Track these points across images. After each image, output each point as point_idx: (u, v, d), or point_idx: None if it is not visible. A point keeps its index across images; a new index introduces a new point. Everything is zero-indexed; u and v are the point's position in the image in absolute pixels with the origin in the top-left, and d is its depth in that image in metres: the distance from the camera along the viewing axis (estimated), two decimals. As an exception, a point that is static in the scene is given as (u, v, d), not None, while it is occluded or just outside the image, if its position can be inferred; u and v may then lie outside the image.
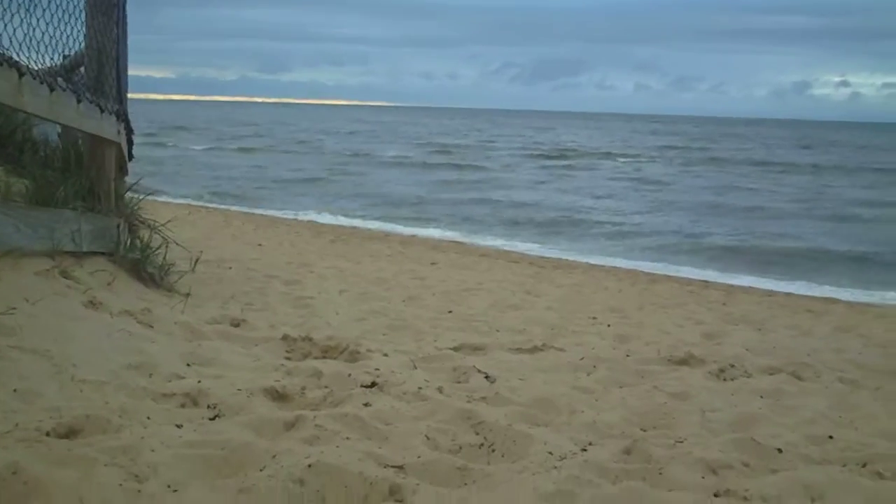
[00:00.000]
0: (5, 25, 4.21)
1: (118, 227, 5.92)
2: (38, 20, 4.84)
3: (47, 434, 2.90)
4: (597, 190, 30.52)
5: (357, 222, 19.67)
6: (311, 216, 20.20)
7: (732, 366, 5.34)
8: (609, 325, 7.14)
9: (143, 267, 6.00)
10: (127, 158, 7.06)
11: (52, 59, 5.17)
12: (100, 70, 5.97)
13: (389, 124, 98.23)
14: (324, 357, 4.75)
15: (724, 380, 5.09)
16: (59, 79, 5.05)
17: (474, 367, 4.71)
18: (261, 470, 2.85)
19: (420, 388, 4.09)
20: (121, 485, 2.59)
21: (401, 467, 3.04)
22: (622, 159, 47.85)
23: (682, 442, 3.66)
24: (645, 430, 3.92)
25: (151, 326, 4.67)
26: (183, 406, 3.49)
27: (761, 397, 4.67)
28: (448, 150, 51.19)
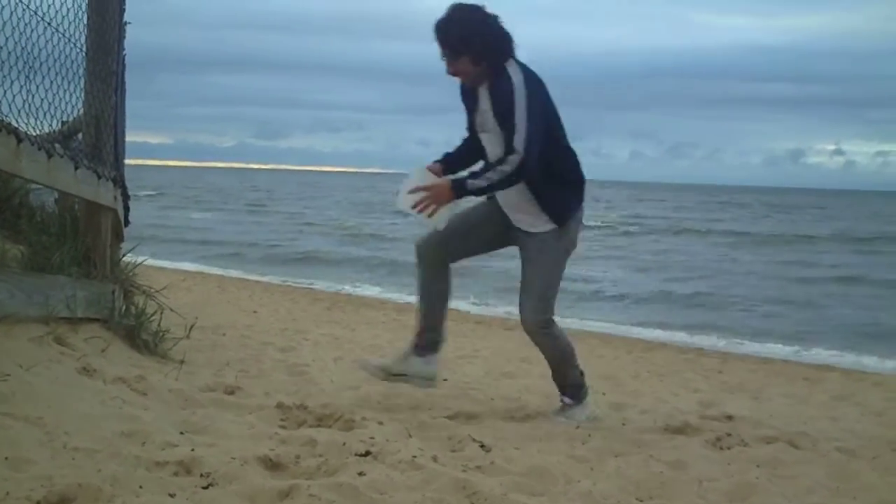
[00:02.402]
0: (4, 92, 4.26)
1: (113, 293, 5.91)
2: (37, 87, 4.90)
3: (38, 503, 2.87)
4: (590, 257, 30.59)
5: (349, 288, 19.66)
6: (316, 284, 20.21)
7: (729, 434, 5.30)
8: (604, 394, 7.10)
9: (138, 334, 5.98)
10: (123, 224, 7.08)
11: (50, 125, 5.22)
12: (98, 136, 6.00)
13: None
14: (318, 425, 4.71)
15: (721, 449, 5.06)
16: (57, 145, 5.09)
17: (469, 435, 4.68)
18: (254, 540, 2.82)
19: (415, 456, 4.05)
20: (112, 555, 2.56)
21: (395, 538, 3.01)
22: (621, 227, 48.02)
23: (679, 512, 3.63)
24: (641, 501, 3.89)
25: (145, 394, 4.65)
26: (176, 475, 3.46)
27: (758, 466, 4.63)
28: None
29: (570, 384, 5.64)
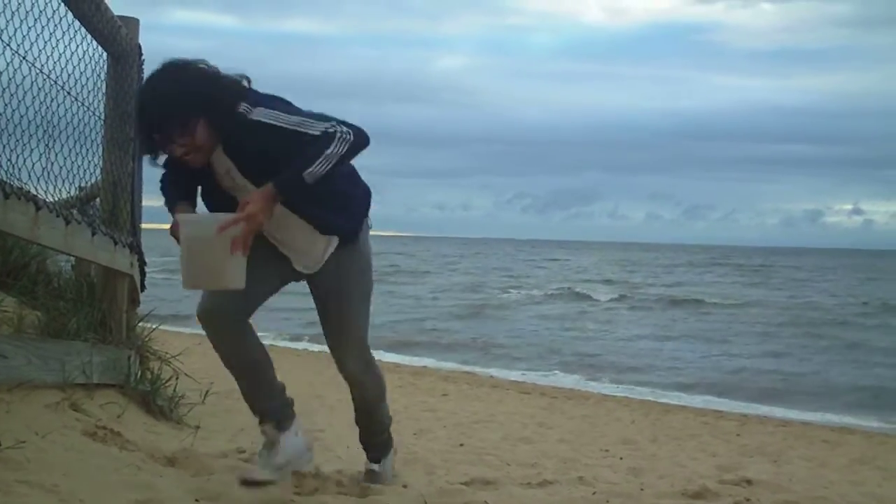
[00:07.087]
0: (24, 160, 4.30)
1: (129, 359, 5.92)
2: (56, 154, 4.95)
3: (52, 572, 2.85)
4: (606, 320, 30.50)
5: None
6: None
7: (748, 500, 5.23)
8: (622, 458, 7.05)
9: (153, 399, 5.98)
10: (139, 289, 7.10)
11: (68, 191, 5.26)
12: (115, 203, 6.05)
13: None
14: (334, 493, 4.68)
15: (741, 515, 4.99)
16: (75, 211, 5.12)
17: (485, 502, 4.64)
18: None
19: (431, 523, 4.02)
20: None
21: None
22: (634, 289, 47.87)
23: (698, 580, 3.59)
24: (660, 568, 3.84)
25: (160, 461, 4.63)
26: (190, 543, 3.44)
27: (778, 533, 4.58)
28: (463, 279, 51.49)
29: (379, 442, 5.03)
